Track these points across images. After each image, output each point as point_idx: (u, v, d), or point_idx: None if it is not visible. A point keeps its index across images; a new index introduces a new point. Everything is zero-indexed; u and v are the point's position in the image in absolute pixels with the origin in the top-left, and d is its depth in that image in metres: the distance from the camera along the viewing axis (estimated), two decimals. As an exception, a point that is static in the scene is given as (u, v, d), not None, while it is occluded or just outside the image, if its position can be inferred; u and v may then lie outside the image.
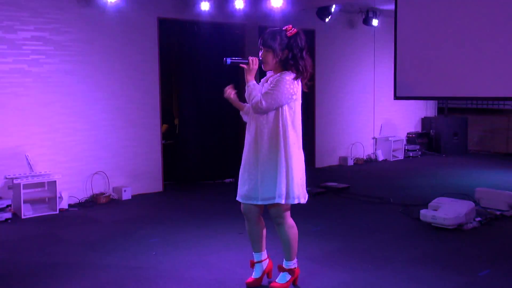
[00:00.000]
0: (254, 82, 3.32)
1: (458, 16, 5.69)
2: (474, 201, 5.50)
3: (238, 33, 7.69)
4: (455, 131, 10.40)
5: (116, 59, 6.58)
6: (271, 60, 3.32)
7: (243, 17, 7.37)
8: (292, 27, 3.37)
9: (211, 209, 5.89)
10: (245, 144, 3.47)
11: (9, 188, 5.77)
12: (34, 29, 5.93)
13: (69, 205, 6.08)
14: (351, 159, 9.23)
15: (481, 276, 3.77)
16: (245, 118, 3.56)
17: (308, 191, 6.94)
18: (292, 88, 3.28)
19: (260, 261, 3.60)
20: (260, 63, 3.36)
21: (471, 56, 5.60)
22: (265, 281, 3.64)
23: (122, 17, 6.58)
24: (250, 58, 3.31)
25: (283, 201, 3.31)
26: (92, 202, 6.31)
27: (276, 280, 3.51)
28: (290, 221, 3.45)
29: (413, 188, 7.06)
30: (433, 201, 5.34)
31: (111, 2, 6.24)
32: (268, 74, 3.48)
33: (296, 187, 3.34)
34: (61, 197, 5.93)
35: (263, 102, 3.21)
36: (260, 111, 3.26)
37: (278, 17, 7.36)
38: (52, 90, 6.11)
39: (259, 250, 3.59)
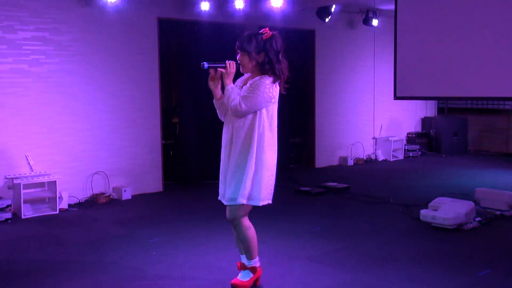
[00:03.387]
0: (233, 85, 3.34)
1: (458, 16, 5.70)
2: (474, 201, 5.50)
3: (238, 33, 7.66)
4: (455, 131, 10.40)
5: (116, 59, 6.58)
6: (247, 63, 3.34)
7: (243, 17, 7.37)
8: (269, 30, 3.37)
9: (211, 209, 5.89)
10: (222, 145, 3.51)
11: (9, 188, 5.77)
12: (34, 29, 5.93)
13: (69, 205, 6.08)
14: (351, 159, 9.22)
15: (481, 276, 3.78)
16: (221, 117, 3.56)
17: (308, 191, 6.97)
18: (272, 91, 3.29)
19: (240, 262, 3.59)
20: (238, 66, 3.37)
21: (471, 56, 5.60)
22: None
23: (122, 17, 6.58)
24: (228, 62, 3.32)
25: (245, 201, 3.30)
26: (92, 202, 6.31)
27: (238, 277, 3.52)
28: (246, 223, 3.43)
29: (413, 188, 7.06)
30: (433, 201, 5.34)
31: (111, 2, 6.24)
32: (246, 75, 3.49)
33: (263, 189, 3.33)
34: (61, 197, 5.93)
35: (243, 105, 3.23)
36: (239, 113, 3.28)
37: (278, 17, 7.36)
38: (52, 90, 6.11)
39: (244, 253, 3.59)
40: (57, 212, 5.82)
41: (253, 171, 3.30)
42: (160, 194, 6.92)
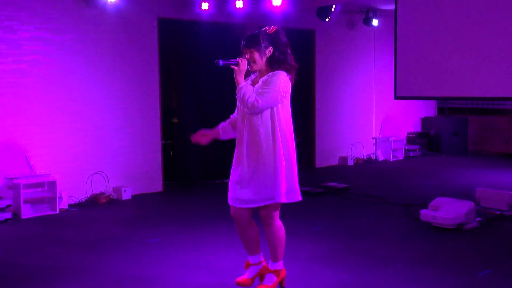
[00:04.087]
0: (246, 83, 3.29)
1: (458, 16, 5.69)
2: (474, 201, 5.50)
3: (238, 33, 7.68)
4: (455, 131, 10.40)
5: (116, 59, 6.58)
6: (259, 59, 3.29)
7: (243, 17, 7.37)
8: (271, 26, 3.36)
9: (211, 209, 5.89)
10: (237, 145, 3.43)
11: (9, 188, 5.77)
12: (34, 29, 5.93)
13: (69, 205, 6.08)
14: (351, 159, 9.22)
15: (481, 276, 3.78)
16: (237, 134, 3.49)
17: (308, 191, 6.97)
18: (286, 86, 3.27)
19: (255, 264, 3.56)
20: (249, 64, 3.33)
21: (471, 56, 5.60)
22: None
23: (122, 17, 6.58)
24: (239, 59, 3.28)
25: (284, 200, 3.27)
26: (92, 202, 6.31)
27: (263, 282, 3.48)
28: (278, 222, 3.41)
29: (413, 188, 7.06)
30: (433, 201, 5.34)
31: (111, 2, 6.24)
32: (252, 75, 3.46)
33: (296, 184, 3.33)
34: (61, 197, 5.93)
35: (260, 101, 3.18)
36: (256, 110, 3.22)
37: (278, 17, 7.36)
38: (52, 90, 6.11)
39: (253, 253, 3.55)
40: (57, 212, 5.82)
41: (284, 168, 3.26)
42: (160, 194, 6.92)
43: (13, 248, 4.59)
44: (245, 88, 3.23)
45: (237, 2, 6.94)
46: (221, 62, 3.27)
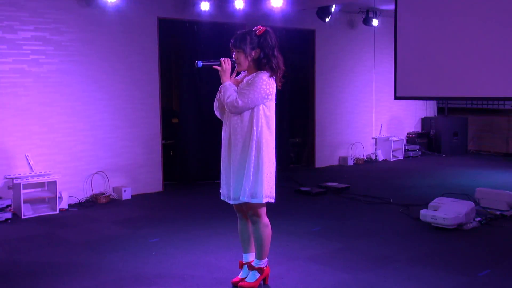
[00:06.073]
0: (230, 82, 3.35)
1: (458, 16, 5.69)
2: (474, 201, 5.50)
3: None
4: (455, 131, 10.40)
5: (116, 59, 6.58)
6: (243, 60, 3.35)
7: (243, 17, 7.37)
8: (261, 27, 3.39)
9: (211, 209, 5.89)
10: (222, 143, 3.52)
11: (9, 188, 5.78)
12: (34, 29, 5.93)
13: (69, 205, 6.08)
14: (351, 159, 9.22)
15: (481, 276, 3.78)
16: (217, 113, 3.56)
17: (308, 191, 6.97)
18: (268, 88, 3.30)
19: (248, 263, 3.58)
20: (234, 64, 3.38)
21: (471, 56, 5.60)
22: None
23: (122, 17, 6.58)
24: (222, 59, 3.34)
25: (249, 200, 3.32)
26: (92, 202, 6.31)
27: (246, 279, 3.52)
28: (265, 220, 3.45)
29: (413, 188, 7.06)
30: (433, 201, 5.34)
31: (111, 2, 6.24)
32: (242, 74, 3.50)
33: (265, 186, 3.33)
34: (61, 197, 5.93)
35: (239, 102, 3.25)
36: (235, 110, 3.28)
37: (278, 17, 7.36)
38: (52, 90, 6.11)
39: (247, 251, 3.60)
40: (57, 212, 5.82)
41: (253, 169, 3.30)
42: (160, 194, 6.92)
43: (13, 248, 4.59)
44: (227, 87, 3.31)
45: (237, 2, 6.94)
46: (199, 64, 3.33)
